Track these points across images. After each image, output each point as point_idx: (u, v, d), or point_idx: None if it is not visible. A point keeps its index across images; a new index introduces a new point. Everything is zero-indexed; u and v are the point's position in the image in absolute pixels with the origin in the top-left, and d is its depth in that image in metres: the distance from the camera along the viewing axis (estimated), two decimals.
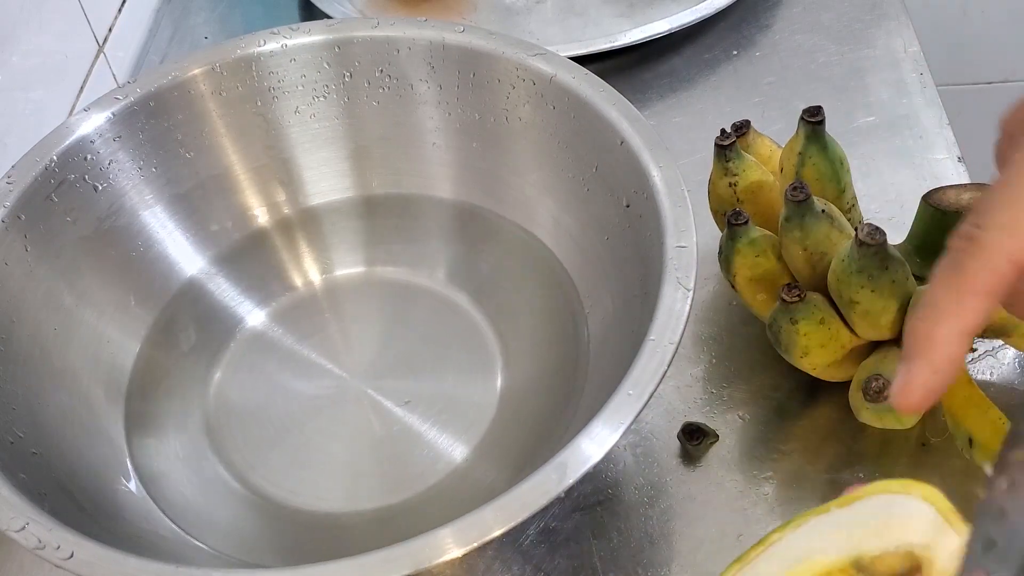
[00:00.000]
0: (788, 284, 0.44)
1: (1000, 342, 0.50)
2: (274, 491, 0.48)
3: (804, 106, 0.48)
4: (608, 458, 0.47)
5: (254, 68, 0.54)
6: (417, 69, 0.54)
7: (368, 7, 0.76)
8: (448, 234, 0.57)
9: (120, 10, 0.72)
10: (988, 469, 0.27)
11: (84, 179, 0.50)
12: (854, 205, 0.50)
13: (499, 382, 0.50)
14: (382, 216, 0.58)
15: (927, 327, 0.27)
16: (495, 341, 0.52)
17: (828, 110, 0.48)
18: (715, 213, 0.52)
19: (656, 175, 0.45)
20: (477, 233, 0.56)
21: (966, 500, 0.46)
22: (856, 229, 0.42)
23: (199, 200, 0.55)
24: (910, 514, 0.26)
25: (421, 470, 0.48)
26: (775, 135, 0.54)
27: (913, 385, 0.27)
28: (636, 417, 0.36)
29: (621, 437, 0.36)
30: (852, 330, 0.45)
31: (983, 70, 1.18)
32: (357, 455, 0.49)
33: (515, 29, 0.73)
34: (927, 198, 0.47)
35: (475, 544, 0.34)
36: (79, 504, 0.42)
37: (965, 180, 0.58)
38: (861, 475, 0.46)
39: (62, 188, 0.49)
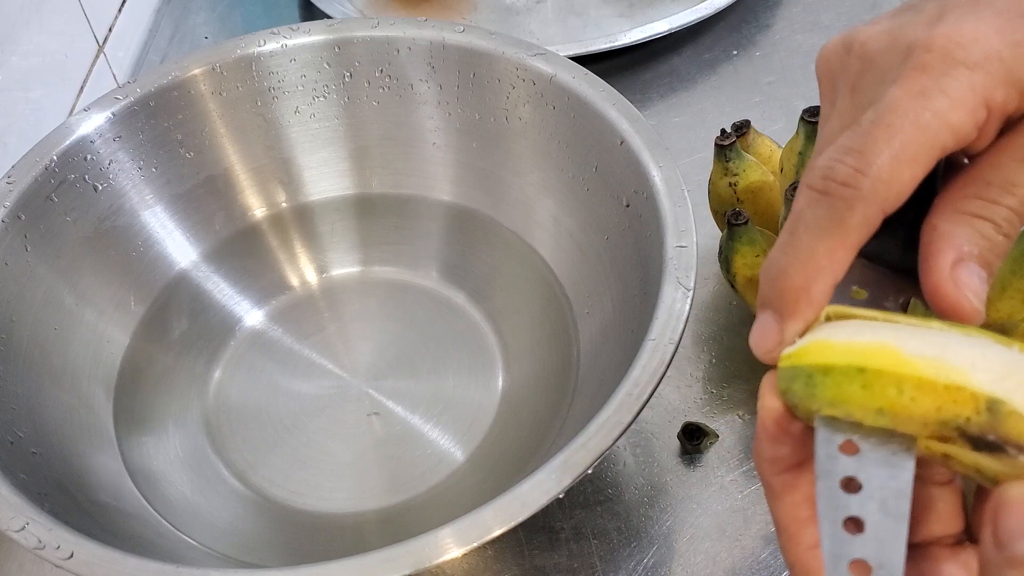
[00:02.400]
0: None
1: None
2: (274, 491, 0.48)
3: (804, 106, 0.48)
4: (608, 458, 0.47)
5: (254, 68, 0.54)
6: (417, 69, 0.54)
7: (368, 7, 0.76)
8: (448, 234, 0.57)
9: (120, 10, 0.72)
10: None
11: (84, 179, 0.50)
12: None
13: (499, 382, 0.51)
14: (382, 216, 0.58)
15: (801, 281, 0.26)
16: (495, 341, 0.52)
17: None
18: (715, 213, 0.52)
19: (656, 175, 0.45)
20: (476, 233, 0.56)
21: (965, 500, 0.46)
22: None
23: (199, 200, 0.55)
24: None
25: (421, 470, 0.48)
26: (775, 135, 0.54)
27: (786, 340, 0.27)
28: (636, 417, 0.36)
29: (621, 437, 0.36)
30: None
31: None
32: (357, 455, 0.49)
33: (515, 29, 0.73)
34: None
35: (475, 544, 0.34)
36: (79, 504, 0.42)
37: None
38: None
39: (62, 188, 0.49)
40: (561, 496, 0.35)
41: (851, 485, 0.24)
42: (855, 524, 0.23)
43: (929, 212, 0.27)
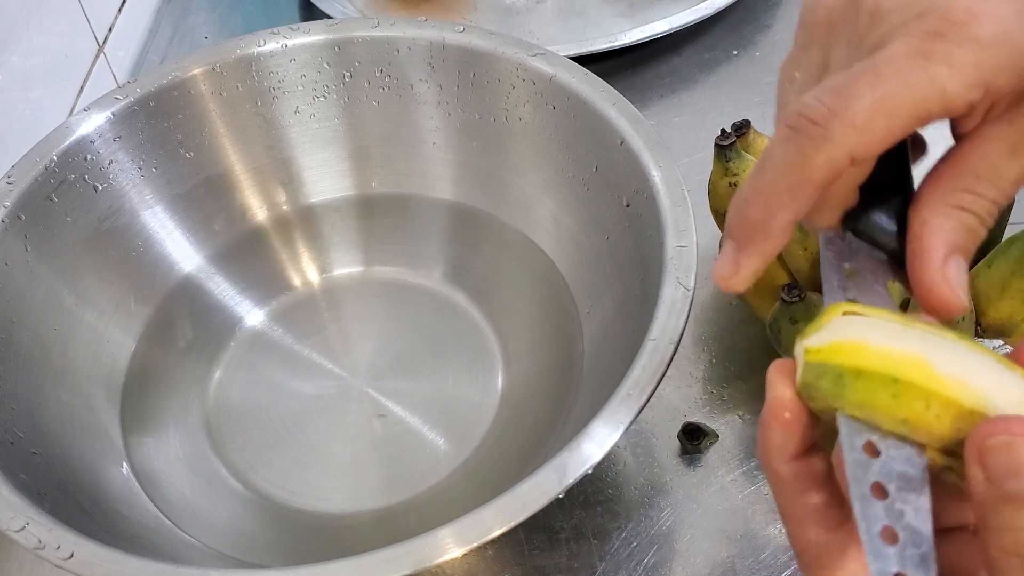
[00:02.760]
0: (788, 284, 0.44)
1: (1000, 342, 0.50)
2: (274, 491, 0.48)
3: None
4: (608, 458, 0.47)
5: (254, 68, 0.54)
6: (417, 69, 0.54)
7: (368, 7, 0.76)
8: (448, 234, 0.57)
9: (120, 10, 0.72)
10: None
11: (84, 179, 0.50)
12: None
13: (499, 382, 0.50)
14: (382, 216, 0.58)
15: (761, 213, 0.26)
16: (495, 341, 0.52)
17: None
18: (715, 213, 0.52)
19: (656, 175, 0.45)
20: (476, 233, 0.56)
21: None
22: None
23: (199, 200, 0.55)
24: None
25: (421, 470, 0.48)
26: None
27: (744, 272, 0.27)
28: (636, 417, 0.36)
29: (621, 437, 0.36)
30: None
31: None
32: (357, 455, 0.49)
33: (515, 29, 0.73)
34: None
35: (475, 544, 0.34)
36: (79, 504, 0.42)
37: None
38: None
39: (62, 188, 0.49)
40: (561, 496, 0.35)
41: (878, 489, 0.24)
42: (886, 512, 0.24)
43: (918, 199, 0.27)
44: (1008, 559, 0.22)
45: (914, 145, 0.31)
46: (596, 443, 0.36)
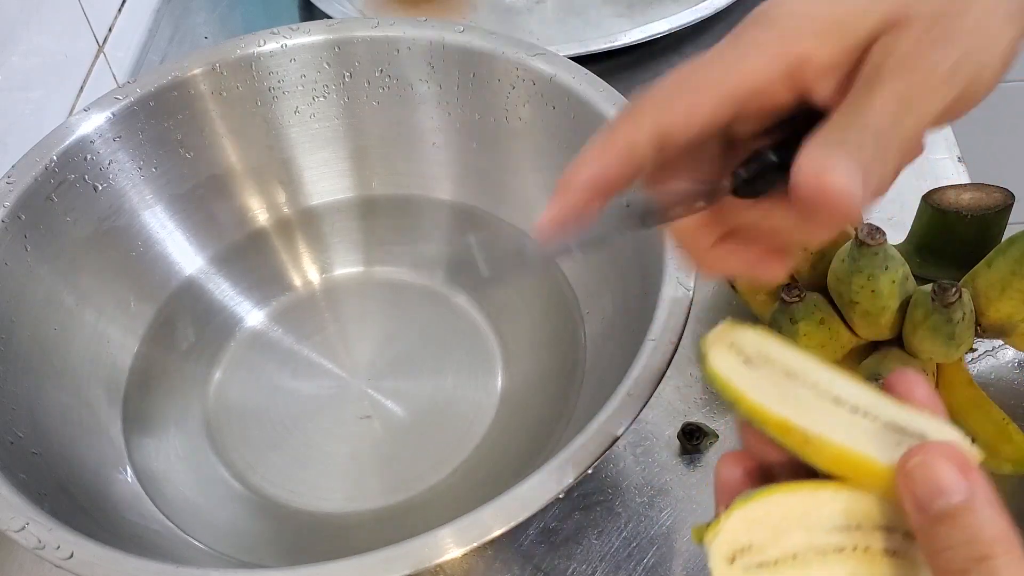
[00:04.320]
0: (788, 284, 0.44)
1: (1000, 342, 0.50)
2: (274, 491, 0.48)
3: None
4: (608, 458, 0.47)
5: (254, 68, 0.54)
6: (417, 69, 0.54)
7: (368, 7, 0.76)
8: (448, 234, 0.57)
9: (120, 10, 0.72)
10: None
11: (84, 179, 0.50)
12: None
13: (499, 382, 0.50)
14: (382, 216, 0.58)
15: (572, 172, 0.30)
16: (495, 341, 0.52)
17: None
18: None
19: None
20: (477, 233, 0.56)
21: None
22: (856, 229, 0.42)
23: (199, 200, 0.55)
24: None
25: (421, 470, 0.48)
26: None
27: (549, 218, 0.30)
28: (636, 417, 0.36)
29: (621, 437, 0.36)
30: (852, 330, 0.45)
31: None
32: (357, 455, 0.49)
33: (515, 29, 0.73)
34: (927, 198, 0.47)
35: (475, 544, 0.34)
36: (79, 504, 0.42)
37: (965, 180, 0.58)
38: None
39: (62, 188, 0.49)
40: (561, 496, 0.35)
41: None
42: None
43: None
44: None
45: None
46: (596, 443, 0.36)
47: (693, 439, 0.48)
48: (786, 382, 0.28)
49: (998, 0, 0.27)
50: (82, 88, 0.66)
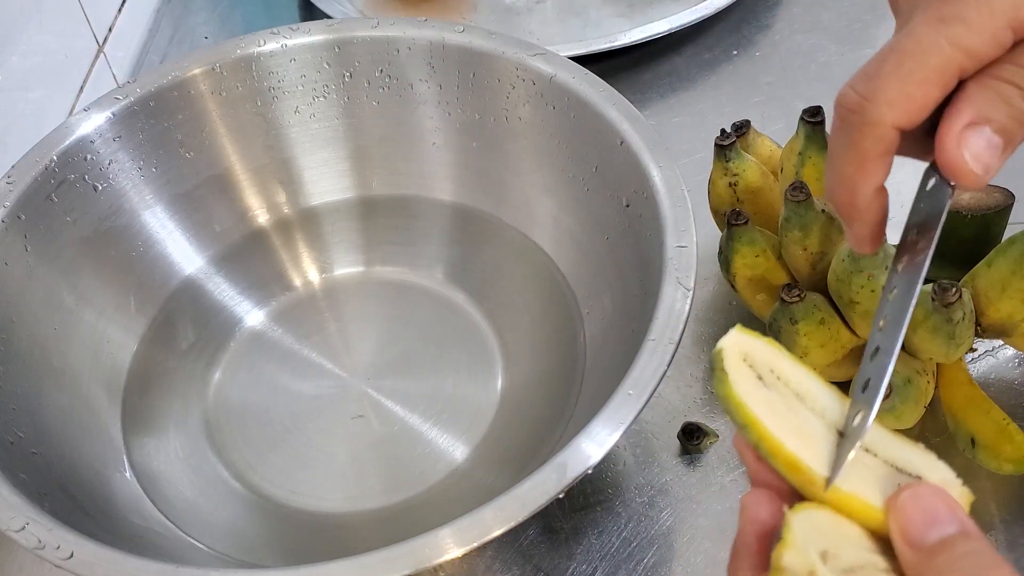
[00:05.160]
0: (788, 284, 0.44)
1: (1000, 342, 0.50)
2: (274, 491, 0.48)
3: (804, 106, 0.48)
4: (608, 458, 0.47)
5: (254, 68, 0.54)
6: (417, 69, 0.54)
7: (368, 7, 0.76)
8: (447, 234, 0.57)
9: (120, 10, 0.72)
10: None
11: (84, 179, 0.50)
12: None
13: (499, 382, 0.50)
14: (382, 216, 0.58)
15: (845, 197, 0.29)
16: (495, 341, 0.52)
17: (828, 110, 0.47)
18: (715, 213, 0.52)
19: (656, 175, 0.45)
20: (476, 233, 0.56)
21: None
22: None
23: (199, 200, 0.55)
24: None
25: (421, 470, 0.48)
26: (775, 135, 0.54)
27: (861, 241, 0.31)
28: (636, 417, 0.36)
29: (621, 437, 0.36)
30: (852, 330, 0.45)
31: None
32: (357, 455, 0.49)
33: (515, 29, 0.73)
34: None
35: (475, 544, 0.34)
36: (79, 504, 0.42)
37: None
38: None
39: (62, 188, 0.49)
40: (561, 496, 0.35)
41: None
42: None
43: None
44: None
45: None
46: (596, 443, 0.36)
47: (693, 439, 0.48)
48: (797, 406, 0.28)
49: None
50: (82, 88, 0.66)
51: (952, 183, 0.29)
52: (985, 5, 0.26)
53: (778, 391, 0.28)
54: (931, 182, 0.30)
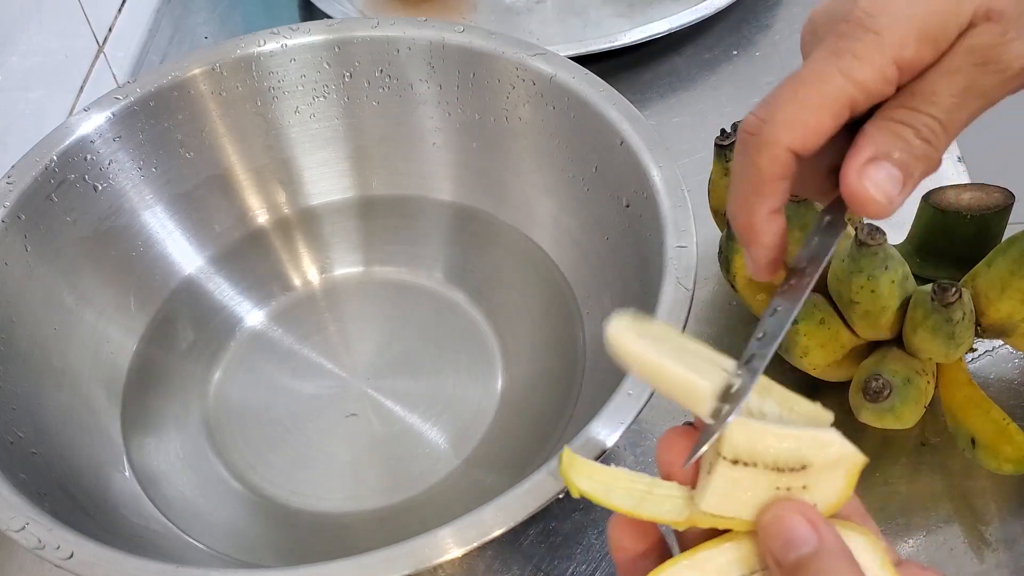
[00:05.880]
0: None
1: (1000, 342, 0.50)
2: (274, 491, 0.48)
3: None
4: (608, 458, 0.47)
5: (254, 68, 0.54)
6: (417, 69, 0.54)
7: (368, 7, 0.76)
8: (447, 234, 0.57)
9: (120, 10, 0.72)
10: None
11: (84, 179, 0.50)
12: None
13: (499, 382, 0.50)
14: (382, 216, 0.58)
15: (743, 218, 0.31)
16: (495, 341, 0.52)
17: None
18: (715, 213, 0.52)
19: (656, 175, 0.45)
20: (476, 233, 0.56)
21: (966, 499, 0.46)
22: (856, 229, 0.42)
23: (199, 200, 0.55)
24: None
25: (421, 470, 0.48)
26: None
27: (760, 264, 0.32)
28: (636, 417, 0.36)
29: (621, 437, 0.36)
30: (852, 330, 0.45)
31: None
32: (356, 455, 0.49)
33: (515, 29, 0.73)
34: (927, 198, 0.47)
35: (475, 544, 0.34)
36: (79, 504, 0.42)
37: (965, 180, 0.58)
38: None
39: (62, 188, 0.49)
40: (561, 496, 0.35)
41: None
42: None
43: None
44: None
45: None
46: (596, 443, 0.36)
47: None
48: (683, 353, 0.30)
49: None
50: (82, 88, 0.66)
51: (847, 220, 0.31)
52: (875, 43, 0.28)
53: (667, 344, 0.30)
54: (826, 219, 0.32)
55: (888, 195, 0.29)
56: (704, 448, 0.28)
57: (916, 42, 0.28)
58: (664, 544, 0.30)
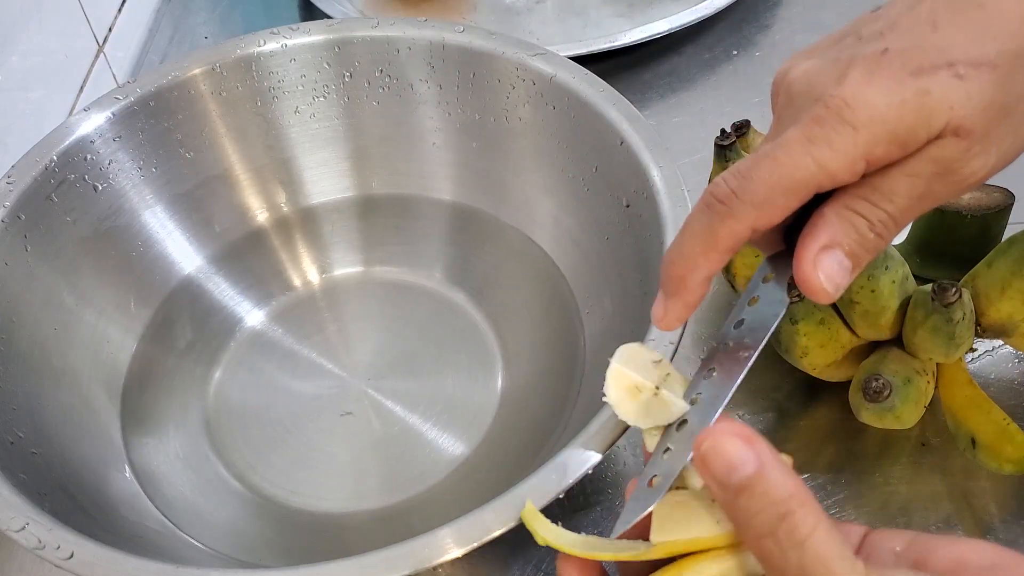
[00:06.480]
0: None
1: (1000, 342, 0.50)
2: (274, 491, 0.48)
3: None
4: (608, 458, 0.47)
5: (254, 68, 0.54)
6: (417, 69, 0.54)
7: (368, 7, 0.76)
8: (447, 234, 0.57)
9: (120, 10, 0.72)
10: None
11: (84, 179, 0.50)
12: None
13: (499, 382, 0.50)
14: (382, 216, 0.58)
15: (681, 271, 0.32)
16: (495, 341, 0.52)
17: None
18: None
19: (656, 175, 0.45)
20: (476, 233, 0.56)
21: (966, 499, 0.46)
22: None
23: (199, 200, 0.55)
24: None
25: (421, 470, 0.48)
26: None
27: (670, 316, 0.33)
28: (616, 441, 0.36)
29: (621, 437, 0.36)
30: (852, 330, 0.45)
31: None
32: (357, 455, 0.49)
33: (515, 29, 0.73)
34: None
35: (475, 544, 0.34)
36: (79, 504, 0.42)
37: None
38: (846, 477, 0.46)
39: (62, 188, 0.49)
40: (561, 496, 0.35)
41: None
42: None
43: (822, 204, 0.31)
44: (764, 543, 0.26)
45: None
46: (596, 443, 0.36)
47: None
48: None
49: None
50: (82, 88, 0.66)
51: (795, 295, 0.32)
52: (850, 137, 0.29)
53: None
54: (770, 284, 0.33)
55: (836, 285, 0.30)
56: (631, 523, 0.29)
57: (887, 143, 0.29)
58: None
